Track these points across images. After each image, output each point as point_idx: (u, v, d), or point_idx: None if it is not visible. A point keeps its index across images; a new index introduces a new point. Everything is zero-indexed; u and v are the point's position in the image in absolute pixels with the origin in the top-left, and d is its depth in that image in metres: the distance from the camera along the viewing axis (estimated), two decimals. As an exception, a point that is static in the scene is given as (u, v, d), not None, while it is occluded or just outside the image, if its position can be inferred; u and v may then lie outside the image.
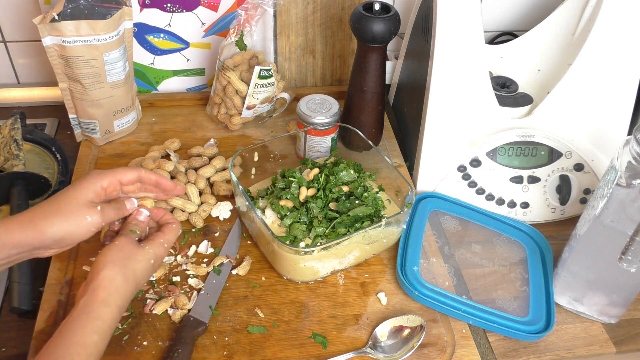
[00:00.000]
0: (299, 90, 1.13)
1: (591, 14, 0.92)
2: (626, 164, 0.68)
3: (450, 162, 0.93)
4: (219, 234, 0.87)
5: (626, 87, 0.90)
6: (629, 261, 0.72)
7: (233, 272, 0.82)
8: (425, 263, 0.84)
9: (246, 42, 1.02)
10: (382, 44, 0.91)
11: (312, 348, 0.74)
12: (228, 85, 1.01)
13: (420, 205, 0.92)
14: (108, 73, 0.93)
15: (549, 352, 0.77)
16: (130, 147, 1.02)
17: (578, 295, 0.80)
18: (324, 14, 1.09)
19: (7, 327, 0.75)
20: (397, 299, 0.81)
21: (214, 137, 1.04)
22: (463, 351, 0.75)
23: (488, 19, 1.20)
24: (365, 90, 0.95)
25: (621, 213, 0.70)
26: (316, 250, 0.76)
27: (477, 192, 0.93)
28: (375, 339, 0.75)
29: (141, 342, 0.72)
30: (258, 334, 0.75)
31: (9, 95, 1.12)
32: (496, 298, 0.81)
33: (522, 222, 0.93)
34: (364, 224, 0.81)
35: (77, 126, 0.99)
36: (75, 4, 0.87)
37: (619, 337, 0.79)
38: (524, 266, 0.86)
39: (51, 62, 0.91)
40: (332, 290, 0.81)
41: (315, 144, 0.97)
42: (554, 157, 0.92)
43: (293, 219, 0.82)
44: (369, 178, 0.90)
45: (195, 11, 1.06)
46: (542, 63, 1.02)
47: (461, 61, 0.89)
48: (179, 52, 1.11)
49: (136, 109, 1.04)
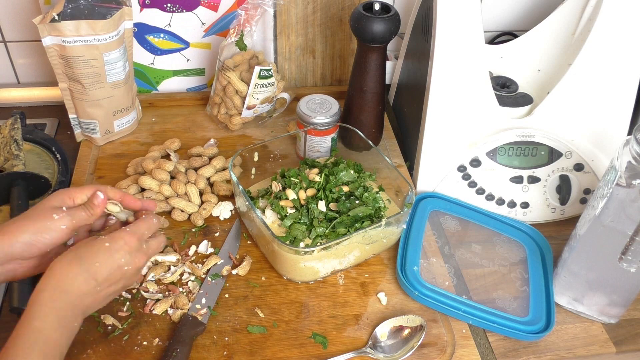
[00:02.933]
0: (299, 90, 1.13)
1: (591, 14, 0.92)
2: (626, 164, 0.68)
3: (450, 162, 0.93)
4: (219, 234, 0.87)
5: (626, 87, 0.90)
6: (629, 261, 0.72)
7: (233, 272, 0.82)
8: (425, 263, 0.84)
9: (246, 42, 1.02)
10: (382, 44, 0.91)
11: (312, 348, 0.74)
12: (228, 85, 1.01)
13: (420, 205, 0.92)
14: (108, 73, 0.93)
15: (549, 352, 0.77)
16: (130, 147, 1.02)
17: (578, 295, 0.80)
18: (324, 14, 1.09)
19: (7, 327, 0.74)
20: (397, 299, 0.81)
21: (214, 137, 1.04)
22: (463, 351, 0.75)
23: (488, 19, 1.20)
24: (365, 90, 0.95)
25: (621, 213, 0.70)
26: (316, 250, 0.76)
27: (477, 192, 0.93)
28: (375, 339, 0.75)
29: (141, 342, 0.72)
30: (258, 334, 0.75)
31: (9, 95, 1.12)
32: (496, 298, 0.81)
33: (522, 222, 0.93)
34: (364, 224, 0.81)
35: (77, 126, 0.99)
36: (75, 4, 0.87)
37: (619, 337, 0.79)
38: (524, 266, 0.86)
39: (51, 62, 0.91)
40: (332, 290, 0.81)
41: (315, 144, 0.97)
42: (554, 157, 0.92)
43: (293, 220, 0.82)
44: (369, 178, 0.90)
45: (195, 11, 1.06)
46: (542, 63, 1.02)
47: (461, 61, 0.89)
48: (179, 52, 1.11)
49: (136, 109, 1.04)
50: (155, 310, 0.75)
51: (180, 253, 0.83)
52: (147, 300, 0.77)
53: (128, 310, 0.76)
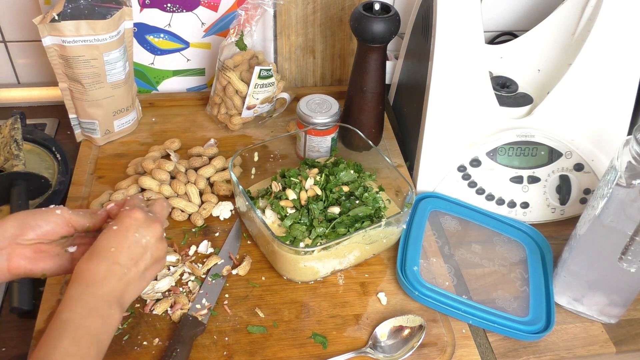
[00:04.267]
0: (299, 90, 1.13)
1: (591, 14, 0.92)
2: (626, 164, 0.68)
3: (450, 162, 0.93)
4: (219, 234, 0.87)
5: (626, 87, 0.90)
6: (629, 261, 0.72)
7: (233, 272, 0.82)
8: (425, 263, 0.84)
9: (246, 42, 1.02)
10: (382, 44, 0.91)
11: (312, 348, 0.74)
12: (228, 85, 1.01)
13: (420, 205, 0.92)
14: (108, 73, 0.93)
15: (549, 352, 0.77)
16: (130, 147, 1.02)
17: (578, 295, 0.80)
18: (324, 14, 1.09)
19: (7, 327, 0.75)
20: (397, 299, 0.81)
21: (214, 137, 1.04)
22: (463, 351, 0.75)
23: (488, 19, 1.20)
24: (365, 90, 0.95)
25: (621, 213, 0.70)
26: (316, 250, 0.76)
27: (477, 192, 0.93)
28: (375, 339, 0.75)
29: (141, 342, 0.72)
30: (258, 334, 0.75)
31: (9, 95, 1.12)
32: (496, 298, 0.81)
33: (522, 222, 0.93)
34: (364, 224, 0.81)
35: (77, 126, 0.99)
36: (75, 4, 0.87)
37: (619, 337, 0.79)
38: (524, 266, 0.86)
39: (51, 62, 0.91)
40: (332, 290, 0.81)
41: (315, 144, 0.97)
42: (554, 157, 0.92)
43: (293, 220, 0.82)
44: (369, 178, 0.90)
45: (195, 11, 1.06)
46: (542, 63, 1.02)
47: (461, 61, 0.89)
48: (179, 52, 1.11)
49: (136, 109, 1.04)
50: (156, 310, 0.75)
51: (180, 253, 0.83)
52: (147, 301, 0.77)
53: (128, 310, 0.76)
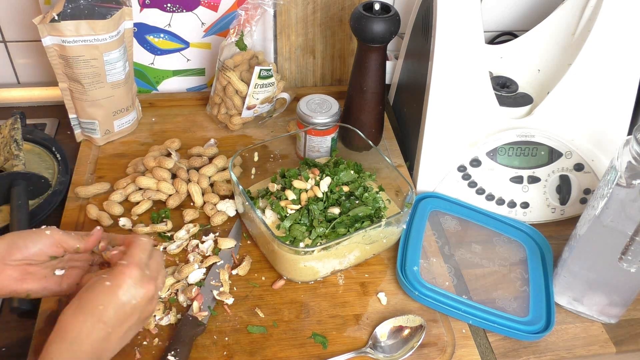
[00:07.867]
0: (299, 90, 1.13)
1: (591, 14, 0.92)
2: (626, 164, 0.68)
3: (450, 162, 0.93)
4: (219, 233, 0.87)
5: (626, 87, 0.90)
6: (629, 261, 0.72)
7: (233, 272, 0.82)
8: (425, 263, 0.84)
9: (246, 42, 1.02)
10: (382, 44, 0.91)
11: (312, 348, 0.74)
12: (228, 85, 1.01)
13: (420, 205, 0.92)
14: (108, 73, 0.93)
15: (549, 352, 0.77)
16: (130, 147, 1.02)
17: (578, 295, 0.80)
18: (324, 14, 1.09)
19: (7, 327, 0.75)
20: (397, 299, 0.81)
21: (214, 137, 1.04)
22: (463, 351, 0.75)
23: (488, 19, 1.20)
24: (365, 90, 0.95)
25: (621, 213, 0.70)
26: (316, 250, 0.76)
27: (477, 192, 0.93)
28: (375, 339, 0.75)
29: (141, 342, 0.72)
30: (258, 334, 0.75)
31: (9, 95, 1.12)
32: (496, 298, 0.81)
33: (522, 222, 0.93)
34: (364, 224, 0.81)
35: (77, 126, 0.99)
36: (75, 4, 0.87)
37: (619, 337, 0.79)
38: (524, 266, 0.86)
39: (51, 62, 0.91)
40: (332, 290, 0.81)
41: (315, 144, 0.97)
42: (554, 157, 0.92)
43: (293, 220, 0.82)
44: (369, 178, 0.90)
45: (195, 11, 1.06)
46: (542, 63, 1.02)
47: (461, 61, 0.89)
48: (179, 52, 1.11)
49: (136, 109, 1.04)
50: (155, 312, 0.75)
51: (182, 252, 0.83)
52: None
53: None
